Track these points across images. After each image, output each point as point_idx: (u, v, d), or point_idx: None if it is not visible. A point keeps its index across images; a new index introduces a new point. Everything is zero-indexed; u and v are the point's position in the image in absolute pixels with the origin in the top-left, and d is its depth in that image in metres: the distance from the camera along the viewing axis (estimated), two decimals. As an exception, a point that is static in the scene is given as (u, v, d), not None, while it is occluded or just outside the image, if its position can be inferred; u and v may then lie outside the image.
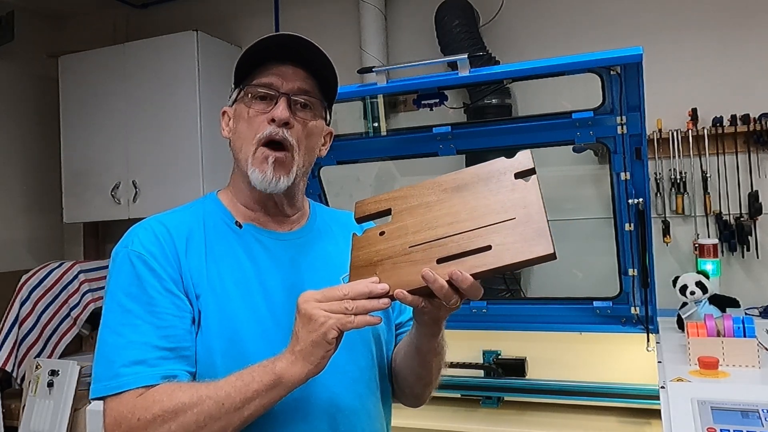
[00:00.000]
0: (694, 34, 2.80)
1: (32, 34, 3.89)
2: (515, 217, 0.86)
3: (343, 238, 1.11)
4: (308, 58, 1.05)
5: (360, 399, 1.05)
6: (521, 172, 0.91)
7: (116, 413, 0.91)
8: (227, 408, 0.88)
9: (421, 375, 1.13)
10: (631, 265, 2.05)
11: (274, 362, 0.89)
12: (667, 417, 1.44)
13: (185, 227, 1.03)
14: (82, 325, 3.28)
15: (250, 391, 0.88)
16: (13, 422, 3.02)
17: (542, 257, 0.82)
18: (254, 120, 1.04)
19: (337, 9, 3.44)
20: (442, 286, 0.85)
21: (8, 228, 3.76)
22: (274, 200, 1.08)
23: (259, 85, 1.04)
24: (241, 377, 0.89)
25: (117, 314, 0.96)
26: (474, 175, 0.94)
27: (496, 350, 2.17)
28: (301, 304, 0.88)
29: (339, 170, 2.37)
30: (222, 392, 0.88)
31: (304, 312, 0.87)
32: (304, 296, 0.88)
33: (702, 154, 2.72)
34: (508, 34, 3.08)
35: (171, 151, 3.31)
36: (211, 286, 0.99)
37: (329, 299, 0.87)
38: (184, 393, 0.90)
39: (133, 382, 0.91)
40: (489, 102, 2.83)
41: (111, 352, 0.94)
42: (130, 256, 0.98)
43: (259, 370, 0.89)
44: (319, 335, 0.85)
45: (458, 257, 0.87)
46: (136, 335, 0.94)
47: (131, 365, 0.92)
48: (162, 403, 0.89)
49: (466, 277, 0.84)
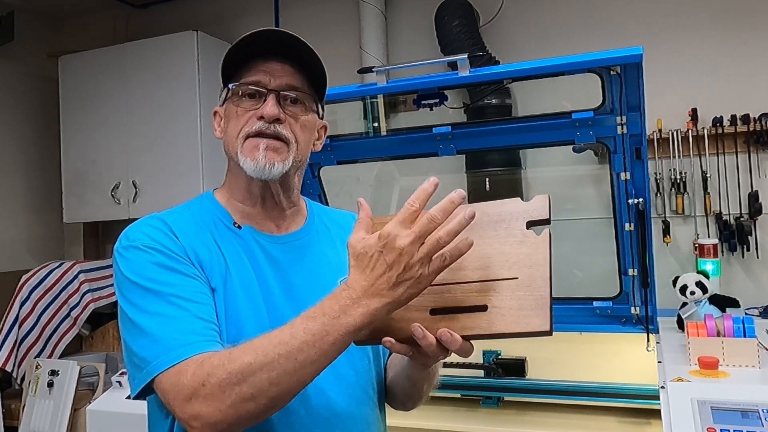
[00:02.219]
0: (694, 34, 2.80)
1: (32, 34, 3.89)
2: (518, 277, 0.82)
3: (340, 240, 1.09)
4: (295, 54, 1.04)
5: (357, 404, 1.04)
6: (534, 221, 0.86)
7: (179, 386, 0.82)
8: (300, 362, 0.79)
9: (412, 394, 1.13)
10: (631, 265, 2.05)
11: (342, 312, 0.79)
12: (667, 417, 1.45)
13: (187, 225, 1.02)
14: (82, 325, 3.28)
15: (326, 343, 0.79)
16: (13, 422, 3.02)
17: (536, 332, 0.79)
18: (243, 118, 1.02)
19: (337, 9, 3.44)
20: (431, 344, 0.82)
21: (8, 228, 3.76)
22: (271, 191, 1.06)
23: (246, 83, 1.03)
24: (309, 329, 0.79)
25: (149, 298, 0.90)
26: (484, 214, 0.88)
27: (496, 350, 2.17)
28: (387, 233, 0.77)
29: (339, 170, 2.37)
30: (297, 340, 0.79)
31: (391, 245, 0.77)
32: (391, 227, 0.77)
33: (702, 154, 2.72)
34: (508, 34, 3.08)
35: (171, 151, 3.31)
36: (222, 282, 0.98)
37: (423, 234, 0.77)
38: (245, 353, 0.81)
39: (189, 350, 0.84)
40: (489, 102, 2.83)
41: (155, 332, 0.87)
42: (141, 248, 0.95)
43: (327, 318, 0.79)
44: (417, 273, 0.77)
45: (452, 312, 0.84)
46: (177, 311, 0.89)
47: (181, 336, 0.86)
48: (224, 366, 0.80)
49: (456, 340, 0.81)
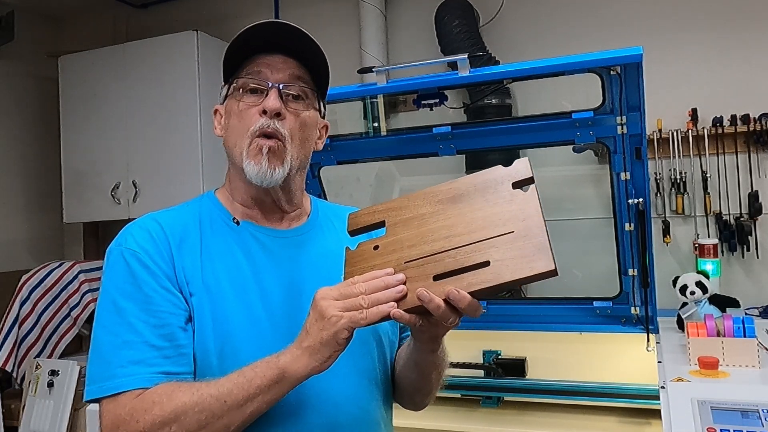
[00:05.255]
0: (694, 35, 2.80)
1: (32, 34, 3.89)
2: (514, 231, 0.83)
3: (344, 233, 1.08)
4: (298, 48, 1.03)
5: (360, 404, 1.03)
6: (519, 182, 0.88)
7: (113, 416, 0.88)
8: (230, 405, 0.85)
9: (421, 386, 1.12)
10: (631, 265, 2.05)
11: (278, 357, 0.87)
12: (667, 417, 1.44)
13: (180, 225, 1.01)
14: (82, 325, 3.27)
15: (252, 387, 0.85)
16: (13, 422, 3.02)
17: (543, 274, 0.79)
18: (245, 113, 1.01)
19: (337, 9, 3.44)
20: (439, 306, 0.82)
21: (8, 228, 3.76)
22: (271, 196, 1.05)
23: (248, 77, 1.02)
24: (243, 374, 0.87)
25: (112, 313, 0.93)
26: (470, 185, 0.91)
27: (496, 350, 2.17)
28: (318, 299, 0.85)
29: (339, 170, 2.37)
30: (224, 389, 0.86)
31: (318, 308, 0.84)
32: (322, 292, 0.86)
33: (702, 154, 2.72)
34: (508, 34, 3.08)
35: (171, 151, 3.31)
36: (206, 285, 0.97)
37: (345, 297, 0.84)
38: (184, 393, 0.86)
39: (131, 383, 0.88)
40: (489, 102, 2.82)
41: (107, 352, 0.91)
42: (124, 254, 0.95)
43: (262, 366, 0.87)
44: (330, 334, 0.83)
45: (455, 274, 0.84)
46: (132, 334, 0.91)
47: (128, 365, 0.89)
48: (162, 405, 0.86)
49: (464, 296, 0.81)
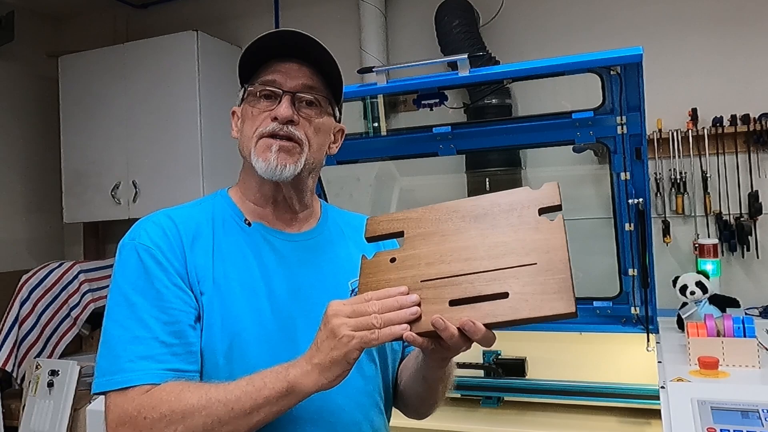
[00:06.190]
0: (694, 34, 2.80)
1: (32, 34, 3.89)
2: (537, 263, 0.80)
3: (354, 242, 1.08)
4: (313, 55, 1.03)
5: (362, 410, 1.03)
6: (546, 208, 0.85)
7: (121, 410, 0.88)
8: (236, 413, 0.85)
9: (427, 398, 1.12)
10: (631, 265, 2.05)
11: (288, 369, 0.85)
12: (667, 417, 1.44)
13: (193, 223, 1.02)
14: (82, 325, 3.28)
15: (260, 397, 0.85)
16: (13, 422, 3.02)
17: (562, 315, 0.76)
18: (257, 118, 1.02)
19: (337, 9, 3.44)
20: (453, 335, 0.80)
21: (8, 228, 3.76)
22: (283, 194, 1.06)
23: (262, 83, 1.03)
24: (252, 382, 0.86)
25: (123, 307, 0.93)
26: (494, 204, 0.87)
27: (496, 350, 2.17)
28: (330, 316, 0.84)
29: (339, 170, 2.36)
30: (232, 396, 0.85)
31: (330, 326, 0.83)
32: (334, 308, 0.84)
33: (702, 154, 2.72)
34: (508, 34, 3.08)
35: (171, 151, 3.31)
36: (216, 285, 0.97)
37: (358, 314, 0.83)
38: (192, 394, 0.86)
39: (140, 378, 0.88)
40: (489, 102, 2.82)
41: (117, 346, 0.91)
42: (137, 249, 0.96)
43: (272, 376, 0.86)
44: (341, 354, 0.82)
45: (472, 301, 0.81)
46: (142, 330, 0.91)
47: (138, 360, 0.89)
48: (170, 403, 0.86)
49: (479, 329, 0.79)
